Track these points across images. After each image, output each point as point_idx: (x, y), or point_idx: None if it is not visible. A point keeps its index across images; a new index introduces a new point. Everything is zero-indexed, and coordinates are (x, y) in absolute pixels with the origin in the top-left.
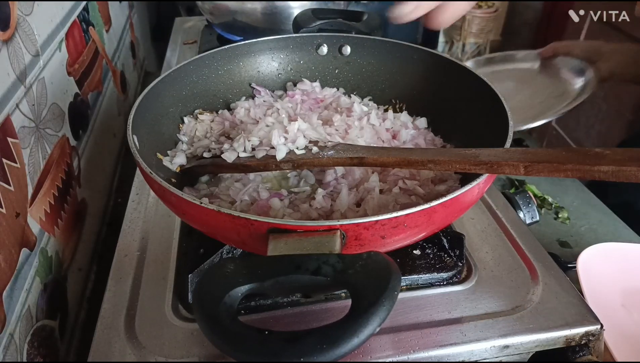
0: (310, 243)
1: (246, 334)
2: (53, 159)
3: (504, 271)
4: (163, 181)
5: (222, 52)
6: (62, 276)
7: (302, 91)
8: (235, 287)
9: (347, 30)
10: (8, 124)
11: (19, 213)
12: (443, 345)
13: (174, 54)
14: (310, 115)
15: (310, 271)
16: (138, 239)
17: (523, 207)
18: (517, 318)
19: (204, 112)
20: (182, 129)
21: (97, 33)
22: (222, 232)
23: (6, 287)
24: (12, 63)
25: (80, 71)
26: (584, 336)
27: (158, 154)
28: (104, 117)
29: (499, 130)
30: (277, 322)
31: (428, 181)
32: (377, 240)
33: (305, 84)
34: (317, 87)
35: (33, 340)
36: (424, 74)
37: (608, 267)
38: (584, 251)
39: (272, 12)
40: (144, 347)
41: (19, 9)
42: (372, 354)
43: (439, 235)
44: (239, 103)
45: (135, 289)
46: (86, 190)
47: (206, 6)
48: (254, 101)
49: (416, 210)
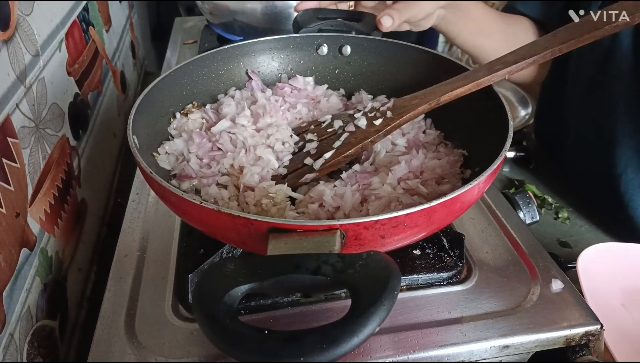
0: (310, 243)
1: (246, 334)
2: (53, 159)
3: (504, 271)
4: (163, 181)
5: (222, 52)
6: (62, 276)
7: (292, 86)
8: (235, 287)
9: (347, 30)
10: (8, 124)
11: (19, 213)
12: (443, 345)
13: (174, 54)
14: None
15: (310, 271)
16: (138, 239)
17: (523, 207)
18: (517, 318)
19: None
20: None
21: (97, 33)
22: (222, 232)
23: (6, 287)
24: (12, 63)
25: (80, 71)
26: (584, 336)
27: (153, 153)
28: (104, 117)
29: (499, 130)
30: (277, 322)
31: (432, 181)
32: (377, 239)
33: (297, 81)
34: (309, 84)
35: (33, 340)
36: (424, 74)
37: (608, 267)
38: (584, 251)
39: (272, 12)
40: (144, 347)
41: (19, 9)
42: (372, 354)
43: (439, 235)
44: (224, 100)
45: (135, 289)
46: (86, 190)
47: (206, 6)
48: (240, 92)
49: (416, 210)
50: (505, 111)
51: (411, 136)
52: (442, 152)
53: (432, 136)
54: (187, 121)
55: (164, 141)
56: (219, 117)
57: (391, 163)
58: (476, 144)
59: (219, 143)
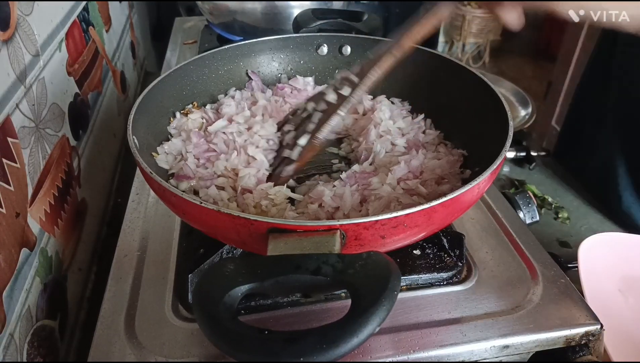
0: (310, 243)
1: (246, 334)
2: (53, 159)
3: (504, 271)
4: (163, 181)
5: (222, 52)
6: (62, 276)
7: (292, 86)
8: (235, 287)
9: (347, 30)
10: (8, 124)
11: (19, 213)
12: (443, 345)
13: (174, 54)
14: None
15: (310, 271)
16: (138, 239)
17: (523, 207)
18: (517, 318)
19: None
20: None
21: (97, 33)
22: (222, 232)
23: (6, 287)
24: (12, 63)
25: (80, 71)
26: (584, 336)
27: (153, 153)
28: (104, 117)
29: (499, 130)
30: (277, 322)
31: (432, 181)
32: (377, 239)
33: (297, 81)
34: (309, 84)
35: (33, 340)
36: (424, 74)
37: (608, 255)
38: (586, 240)
39: (272, 12)
40: (144, 347)
41: (19, 9)
42: (372, 354)
43: (439, 235)
44: (224, 100)
45: (135, 289)
46: (86, 190)
47: (206, 6)
48: (240, 93)
49: (416, 210)
50: (505, 111)
51: (411, 136)
52: (442, 152)
53: (432, 136)
54: (186, 121)
55: (164, 141)
56: (219, 117)
57: (390, 163)
58: (476, 144)
59: (212, 143)
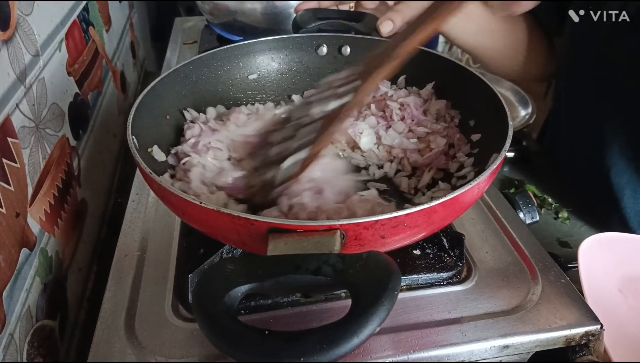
0: (310, 243)
1: (246, 334)
2: (53, 159)
3: (504, 271)
4: (163, 181)
5: (222, 52)
6: (62, 276)
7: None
8: (235, 287)
9: (347, 30)
10: (8, 124)
11: (19, 213)
12: (443, 345)
13: (174, 54)
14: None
15: (310, 271)
16: (138, 239)
17: (523, 207)
18: (517, 318)
19: None
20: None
21: (97, 33)
22: (222, 232)
23: (6, 287)
24: (12, 63)
25: (80, 71)
26: (584, 336)
27: (149, 149)
28: (104, 117)
29: (499, 130)
30: (277, 322)
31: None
32: (377, 239)
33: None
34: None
35: (33, 340)
36: (424, 74)
37: (608, 255)
38: (586, 240)
39: (272, 12)
40: (144, 347)
41: (19, 8)
42: (372, 354)
43: (439, 235)
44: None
45: (135, 289)
46: (86, 190)
47: (206, 6)
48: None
49: (416, 210)
50: (505, 111)
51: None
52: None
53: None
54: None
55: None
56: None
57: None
58: (476, 144)
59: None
